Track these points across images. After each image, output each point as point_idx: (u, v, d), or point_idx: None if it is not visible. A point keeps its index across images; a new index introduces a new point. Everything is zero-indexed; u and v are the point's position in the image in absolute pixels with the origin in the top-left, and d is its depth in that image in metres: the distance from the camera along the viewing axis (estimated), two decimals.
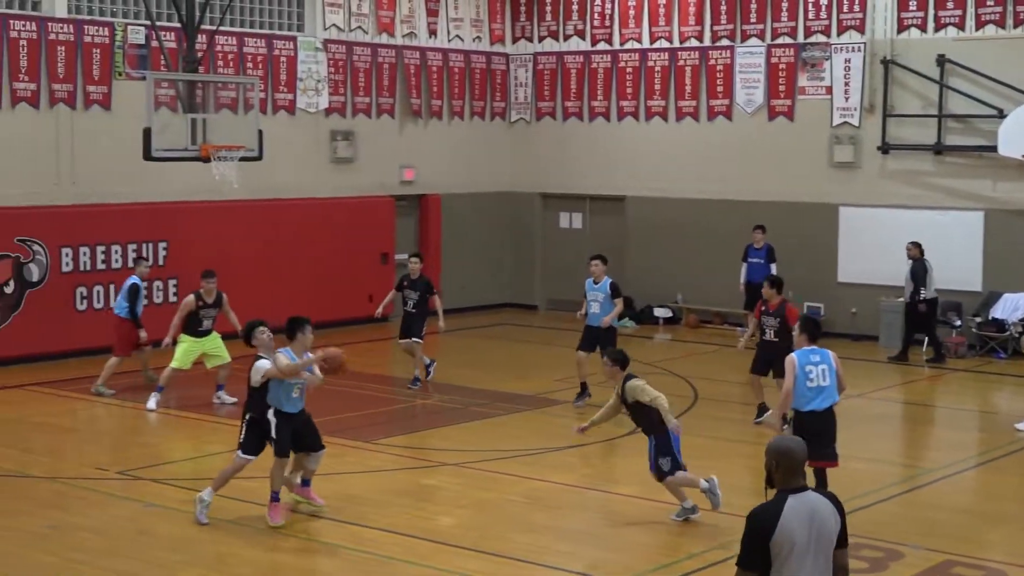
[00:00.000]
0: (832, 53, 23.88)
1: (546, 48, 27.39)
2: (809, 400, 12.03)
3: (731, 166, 25.09)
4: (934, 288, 21.67)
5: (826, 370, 12.07)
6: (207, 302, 17.60)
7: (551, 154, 27.41)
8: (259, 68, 23.26)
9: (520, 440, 15.71)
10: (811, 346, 12.17)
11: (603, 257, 17.98)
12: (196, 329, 17.56)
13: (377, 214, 25.06)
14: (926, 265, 21.70)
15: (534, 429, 16.45)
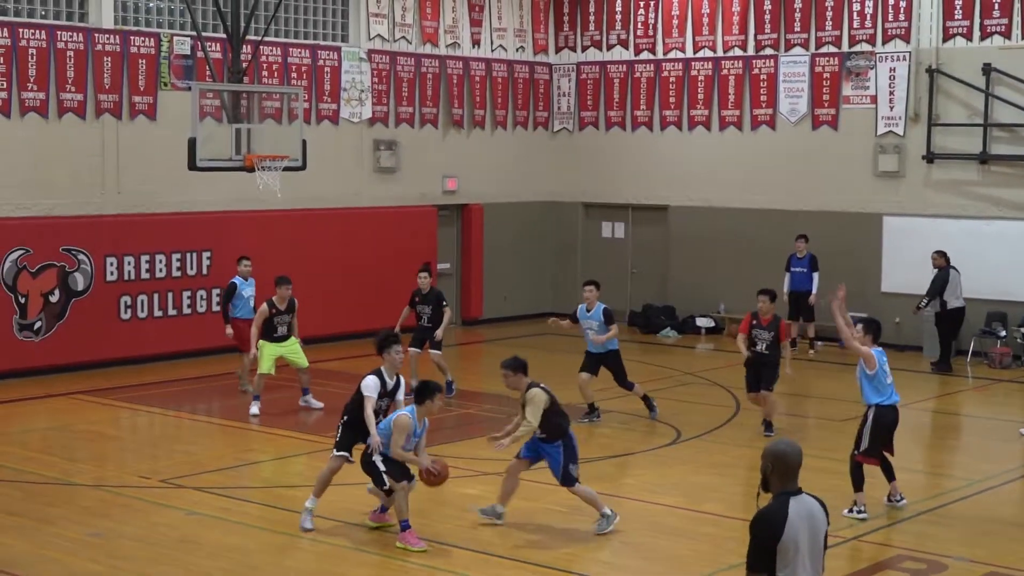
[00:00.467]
0: (877, 62, 23.78)
1: (589, 58, 27.40)
2: (890, 395, 12.88)
3: (774, 176, 25.02)
4: (959, 297, 21.58)
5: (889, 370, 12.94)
6: (280, 309, 17.75)
7: (593, 164, 27.40)
8: (303, 78, 23.39)
9: None
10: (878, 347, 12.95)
11: (596, 283, 17.68)
12: (272, 336, 17.68)
13: (420, 224, 25.13)
14: (949, 275, 21.59)
15: None
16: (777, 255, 23.95)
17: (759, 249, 24.92)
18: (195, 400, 19.07)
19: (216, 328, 21.84)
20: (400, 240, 24.48)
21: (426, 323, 18.86)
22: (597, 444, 16.01)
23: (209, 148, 18.41)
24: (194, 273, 21.85)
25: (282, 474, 14.80)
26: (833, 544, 11.97)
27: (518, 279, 27.18)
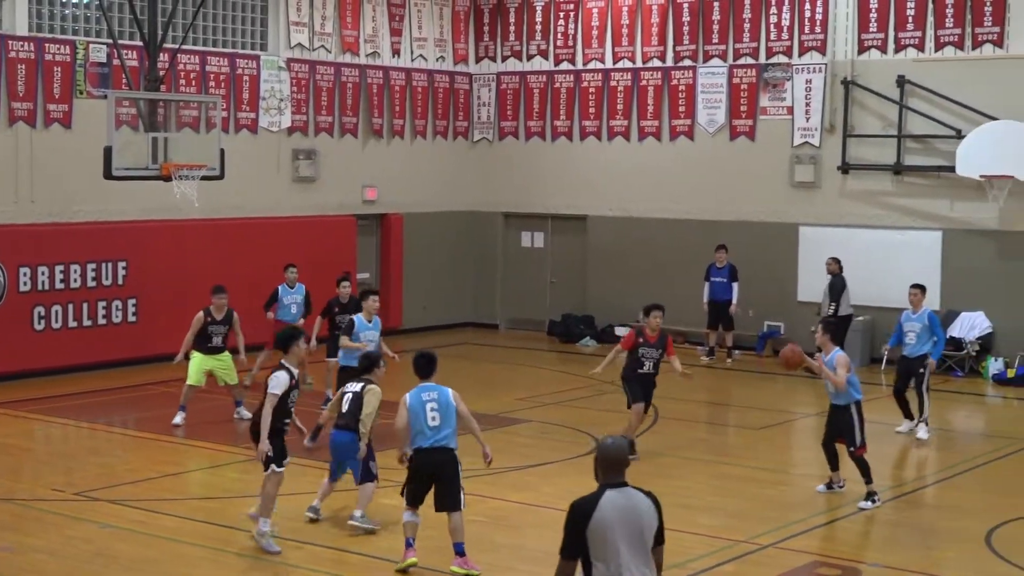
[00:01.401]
0: (793, 74, 24.05)
1: (509, 68, 27.45)
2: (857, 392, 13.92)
3: (693, 186, 25.20)
4: (849, 305, 21.96)
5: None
6: (216, 318, 17.35)
7: (513, 174, 27.45)
8: (222, 87, 23.22)
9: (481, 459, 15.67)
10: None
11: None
12: (206, 346, 17.31)
13: (339, 233, 25.02)
14: (844, 281, 21.97)
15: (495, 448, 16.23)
16: (695, 265, 24.12)
17: (677, 259, 25.08)
18: (111, 412, 18.85)
19: (134, 339, 21.65)
20: (319, 250, 24.34)
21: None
22: (517, 453, 16.02)
23: (125, 157, 18.24)
24: (109, 283, 21.58)
25: (201, 486, 14.66)
26: (751, 551, 12.10)
27: (437, 289, 27.16)
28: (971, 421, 19.76)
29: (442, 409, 11.34)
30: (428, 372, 11.56)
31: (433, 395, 11.39)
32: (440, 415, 11.31)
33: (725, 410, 19.61)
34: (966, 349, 22.12)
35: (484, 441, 11.70)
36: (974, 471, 15.67)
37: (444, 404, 11.35)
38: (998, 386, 21.48)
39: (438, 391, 11.42)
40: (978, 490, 14.90)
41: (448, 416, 11.35)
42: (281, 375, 11.96)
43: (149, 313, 21.87)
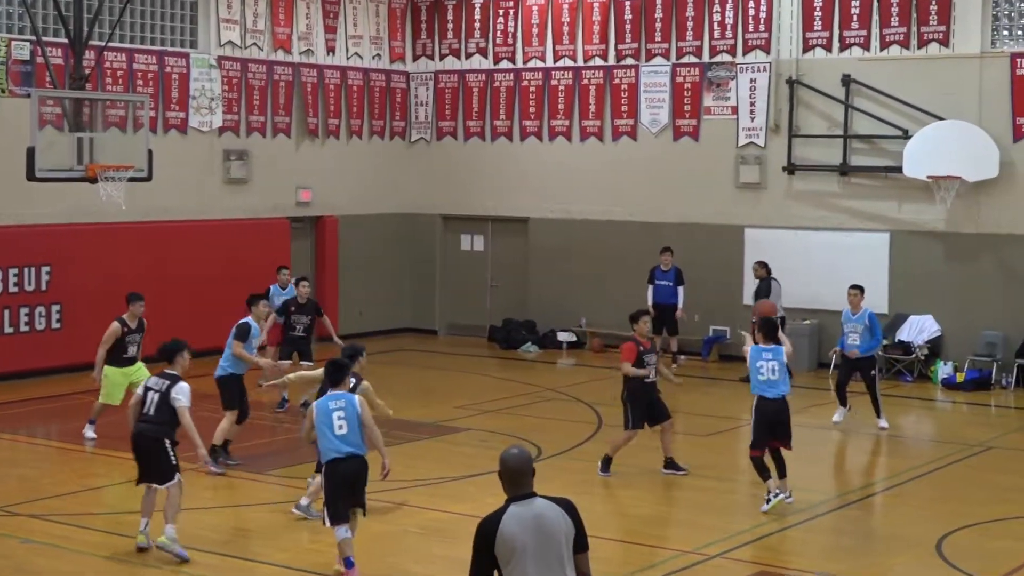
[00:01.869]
0: (738, 73, 24.10)
1: (447, 66, 27.35)
2: (764, 390, 13.91)
3: (636, 187, 25.20)
4: (781, 308, 22.16)
5: (776, 366, 13.89)
6: (131, 327, 16.82)
7: (452, 175, 27.35)
8: (150, 85, 22.97)
9: (419, 469, 15.58)
10: (767, 344, 14.00)
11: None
12: (121, 357, 16.69)
13: (272, 237, 24.82)
14: (771, 285, 22.12)
15: (434, 458, 16.34)
16: (639, 268, 24.10)
17: (621, 262, 25.07)
18: (33, 422, 18.58)
19: (58, 346, 21.35)
20: (252, 254, 24.13)
21: (301, 332, 18.95)
22: (458, 463, 15.92)
23: (49, 158, 18.00)
24: (32, 289, 21.29)
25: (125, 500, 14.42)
26: (697, 561, 12.06)
27: (374, 294, 27.00)
28: (920, 426, 19.86)
29: (349, 417, 11.37)
30: (337, 380, 11.63)
31: (340, 403, 11.44)
32: (347, 423, 11.35)
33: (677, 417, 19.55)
34: (915, 353, 22.24)
35: (386, 454, 11.67)
36: (923, 477, 15.73)
37: (351, 412, 11.39)
38: (947, 390, 21.60)
39: (345, 399, 11.46)
40: (928, 497, 14.96)
41: (355, 424, 11.39)
42: (185, 386, 12.16)
43: (74, 319, 21.57)
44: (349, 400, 11.45)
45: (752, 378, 14.07)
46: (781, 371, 14.00)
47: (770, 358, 13.99)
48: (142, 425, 12.17)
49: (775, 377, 13.97)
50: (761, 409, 14.06)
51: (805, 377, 22.45)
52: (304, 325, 18.93)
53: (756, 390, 14.06)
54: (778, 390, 14.02)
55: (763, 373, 13.95)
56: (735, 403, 20.77)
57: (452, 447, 16.94)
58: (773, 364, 13.98)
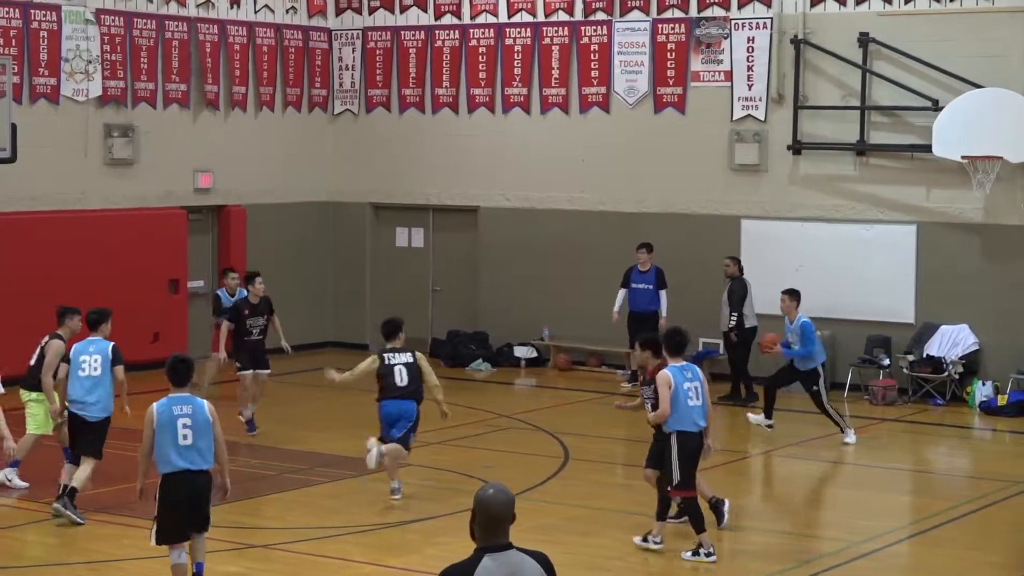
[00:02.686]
0: (732, 30, 24.25)
1: (378, 22, 27.40)
2: (693, 420, 13.86)
3: (609, 169, 25.31)
4: (754, 315, 22.70)
5: (698, 387, 13.98)
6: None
7: (385, 155, 27.39)
8: (12, 45, 22.91)
9: (347, 515, 15.62)
10: (681, 362, 14.07)
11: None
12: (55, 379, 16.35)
13: (164, 230, 24.80)
14: (746, 285, 22.50)
15: (365, 501, 16.38)
16: (614, 268, 24.15)
17: (592, 260, 25.16)
18: None
19: None
20: (140, 251, 24.11)
21: (257, 335, 20.08)
22: (390, 505, 15.95)
23: None
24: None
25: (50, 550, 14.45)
26: None
27: (290, 300, 26.89)
28: (954, 459, 20.06)
29: (196, 425, 11.77)
30: (183, 379, 12.06)
31: (187, 408, 11.83)
32: (192, 432, 11.75)
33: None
34: (947, 371, 22.41)
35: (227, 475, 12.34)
36: (959, 521, 15.88)
37: (199, 420, 11.82)
38: (986, 416, 21.79)
39: (192, 403, 11.89)
40: (964, 543, 15.10)
41: (203, 433, 11.82)
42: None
43: None
44: (197, 405, 11.94)
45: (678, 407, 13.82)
46: (703, 394, 14.01)
47: (691, 377, 14.02)
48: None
49: (698, 403, 13.94)
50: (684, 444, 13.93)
51: None
52: (260, 327, 20.14)
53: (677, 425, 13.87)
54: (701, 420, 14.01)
55: (692, 398, 13.88)
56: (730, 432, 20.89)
57: (386, 487, 16.96)
58: (696, 385, 14.01)
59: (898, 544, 15.25)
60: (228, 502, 15.88)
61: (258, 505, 16.28)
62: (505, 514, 6.92)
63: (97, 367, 15.42)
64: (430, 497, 16.58)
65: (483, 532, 6.93)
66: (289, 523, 15.40)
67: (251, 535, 14.80)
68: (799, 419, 21.48)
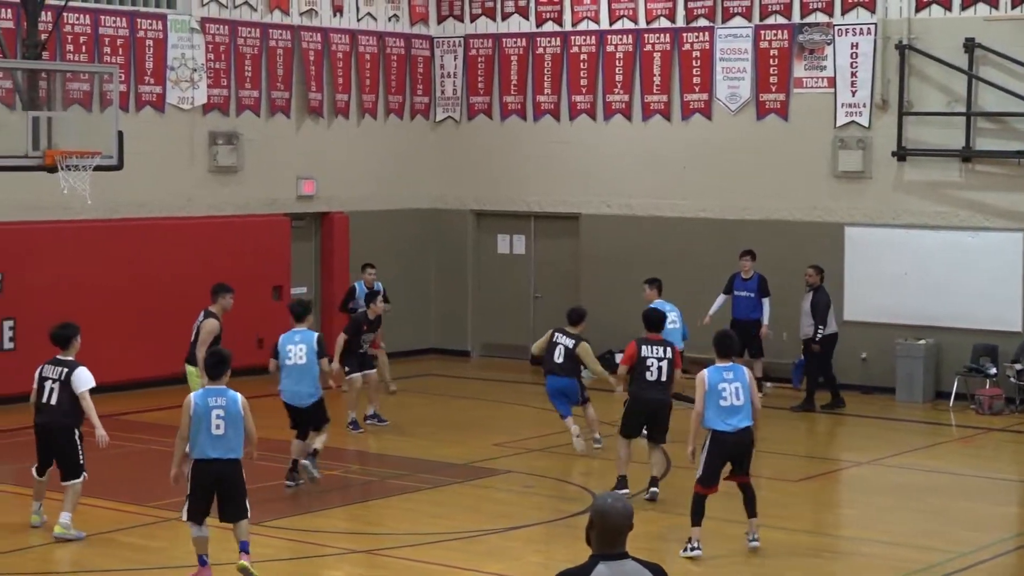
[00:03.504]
0: (835, 36, 24.11)
1: (480, 29, 27.46)
2: (724, 420, 14.11)
3: (711, 176, 25.23)
4: (834, 323, 22.57)
5: (739, 388, 14.17)
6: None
7: (487, 162, 27.45)
8: (119, 54, 23.16)
9: (449, 520, 15.65)
10: (727, 363, 14.38)
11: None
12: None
13: (268, 237, 24.97)
14: (828, 295, 22.55)
15: (467, 506, 16.40)
16: (716, 275, 24.07)
17: (693, 268, 25.06)
18: None
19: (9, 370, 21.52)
20: (243, 258, 24.27)
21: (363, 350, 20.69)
22: (495, 512, 15.97)
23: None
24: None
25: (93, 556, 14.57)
26: None
27: (393, 307, 27.04)
28: None
29: (229, 417, 12.66)
30: (218, 374, 12.91)
31: (221, 400, 12.70)
32: (225, 423, 12.64)
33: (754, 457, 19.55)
34: None
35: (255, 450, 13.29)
36: None
37: (232, 413, 12.68)
38: None
39: (227, 396, 12.74)
40: None
41: (235, 426, 12.69)
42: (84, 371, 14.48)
43: (29, 338, 21.71)
44: (231, 399, 12.75)
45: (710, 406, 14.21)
46: (745, 395, 14.24)
47: (732, 379, 14.29)
48: (47, 417, 14.51)
49: (738, 403, 14.20)
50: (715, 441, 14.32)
51: (920, 410, 22.44)
52: (368, 343, 20.90)
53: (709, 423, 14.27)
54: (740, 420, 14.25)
55: (725, 398, 14.18)
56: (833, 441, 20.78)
57: (488, 493, 16.99)
58: (736, 386, 14.24)
59: (1005, 556, 15.06)
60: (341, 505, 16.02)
61: (362, 511, 16.35)
62: (624, 524, 6.93)
63: (303, 356, 16.75)
64: (530, 504, 16.58)
65: (600, 540, 6.92)
66: (392, 528, 15.45)
67: (355, 540, 14.85)
68: (901, 428, 21.32)
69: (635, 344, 16.49)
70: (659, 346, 16.44)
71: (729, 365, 14.37)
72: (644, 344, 16.44)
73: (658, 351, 16.38)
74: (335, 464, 18.66)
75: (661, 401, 16.58)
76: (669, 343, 16.66)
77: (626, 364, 16.60)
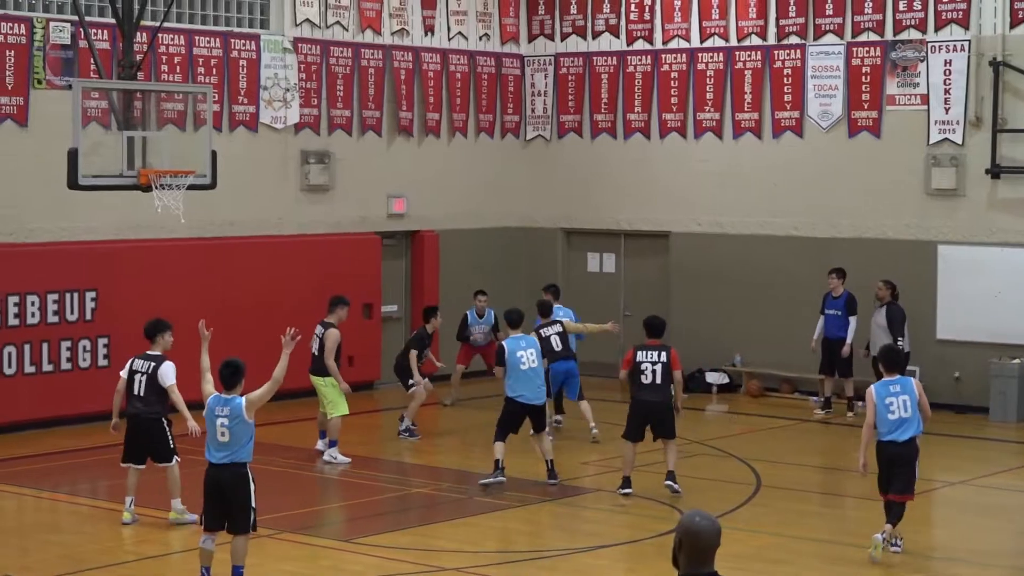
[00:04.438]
0: (928, 53, 23.95)
1: (570, 48, 27.49)
2: (889, 431, 14.64)
3: (802, 194, 25.12)
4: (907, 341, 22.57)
5: (907, 400, 14.61)
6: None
7: (577, 180, 27.46)
8: (213, 74, 23.36)
9: (537, 539, 15.64)
10: (894, 376, 14.77)
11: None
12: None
13: (359, 255, 25.08)
14: (903, 310, 22.60)
15: (556, 525, 16.40)
16: (806, 293, 24.00)
17: (784, 286, 24.97)
18: (76, 478, 18.92)
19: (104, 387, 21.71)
20: (335, 275, 24.35)
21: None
22: (583, 531, 15.96)
23: (94, 161, 18.33)
24: (75, 318, 21.71)
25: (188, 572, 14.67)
26: None
27: None
28: None
29: (233, 425, 13.05)
30: (233, 384, 13.26)
31: (225, 409, 13.10)
32: (230, 431, 13.04)
33: (843, 477, 19.44)
34: None
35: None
36: None
37: (235, 417, 13.05)
38: None
39: (230, 405, 13.11)
40: None
41: (239, 432, 13.04)
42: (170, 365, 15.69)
43: (123, 355, 21.84)
44: (235, 406, 13.08)
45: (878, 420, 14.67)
46: (913, 407, 14.67)
47: (899, 392, 14.69)
48: (137, 406, 15.63)
49: (906, 415, 14.65)
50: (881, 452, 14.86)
51: (1014, 430, 22.22)
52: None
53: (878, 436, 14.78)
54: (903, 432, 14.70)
55: (893, 411, 14.62)
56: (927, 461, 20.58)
57: (577, 512, 16.97)
58: (904, 399, 14.67)
59: None
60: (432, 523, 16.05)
61: (452, 528, 16.35)
62: (713, 543, 6.91)
63: (534, 359, 17.94)
64: (620, 523, 16.55)
65: (689, 560, 6.89)
66: (482, 547, 15.45)
67: (443, 558, 14.87)
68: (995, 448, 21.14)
69: (632, 350, 17.45)
70: (654, 351, 17.23)
71: (896, 379, 14.77)
72: (640, 350, 17.30)
73: (652, 355, 17.18)
74: (425, 481, 18.71)
75: (657, 402, 17.26)
76: (666, 347, 17.36)
77: (625, 369, 17.39)
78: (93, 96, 20.38)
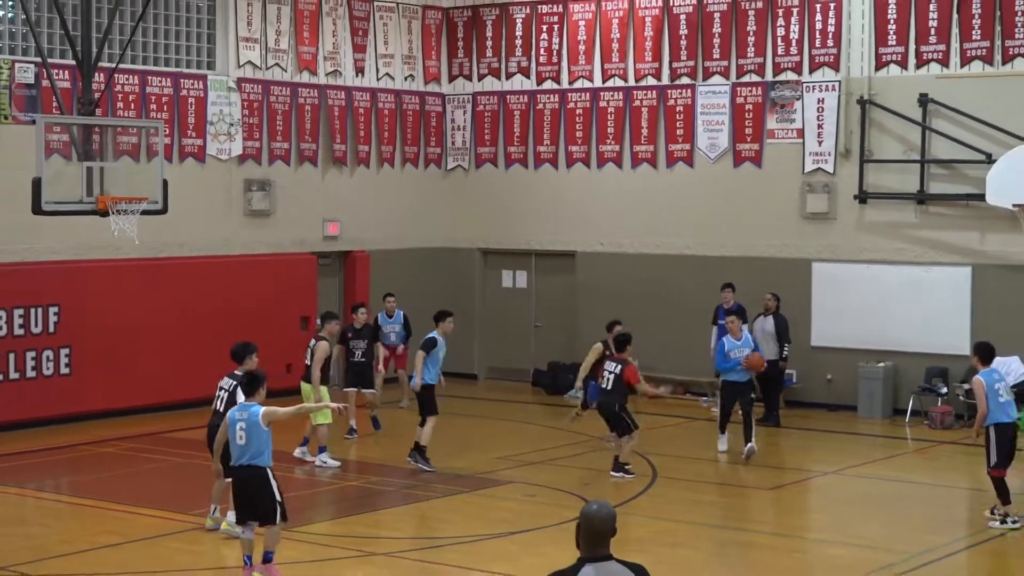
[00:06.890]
0: (803, 92, 24.13)
1: (486, 87, 27.51)
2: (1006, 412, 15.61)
3: (693, 217, 25.23)
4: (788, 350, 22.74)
5: (1006, 385, 15.86)
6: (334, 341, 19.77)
7: (492, 205, 27.46)
8: (164, 110, 23.21)
9: (457, 526, 15.62)
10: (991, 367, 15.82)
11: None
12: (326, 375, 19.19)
13: (297, 274, 24.98)
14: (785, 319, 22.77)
15: (472, 514, 16.37)
16: (697, 306, 24.12)
17: (677, 299, 25.08)
18: (39, 475, 18.72)
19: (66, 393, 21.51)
20: (275, 292, 24.29)
21: (359, 358, 21.37)
22: (497, 519, 15.95)
23: (56, 189, 18.20)
24: (39, 331, 21.48)
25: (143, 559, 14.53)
26: None
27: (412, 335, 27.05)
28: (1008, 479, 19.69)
29: (250, 428, 12.97)
30: (251, 391, 13.31)
31: (244, 415, 13.08)
32: (247, 434, 12.97)
33: (733, 468, 19.54)
34: None
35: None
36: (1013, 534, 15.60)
37: (252, 424, 12.97)
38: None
39: (249, 411, 13.07)
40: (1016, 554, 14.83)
41: (255, 436, 12.95)
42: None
43: (84, 364, 21.76)
44: (252, 413, 13.02)
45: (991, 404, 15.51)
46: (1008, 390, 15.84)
47: (999, 379, 15.79)
48: (217, 420, 14.44)
49: (1010, 397, 15.75)
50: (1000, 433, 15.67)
51: (880, 425, 22.42)
52: (362, 350, 21.34)
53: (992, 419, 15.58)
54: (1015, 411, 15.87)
55: (1002, 395, 15.55)
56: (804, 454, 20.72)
57: (492, 502, 16.96)
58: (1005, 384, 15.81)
59: (957, 554, 15.02)
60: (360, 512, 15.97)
61: (380, 517, 16.31)
62: (607, 528, 6.98)
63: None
64: (530, 512, 16.55)
65: (587, 543, 6.96)
66: (407, 533, 15.42)
67: (374, 544, 14.82)
68: (864, 441, 21.30)
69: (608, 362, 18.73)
70: (614, 363, 18.42)
71: (993, 369, 15.81)
72: (608, 360, 18.74)
73: (611, 366, 18.42)
74: (356, 476, 18.64)
75: (606, 403, 18.45)
76: (624, 361, 18.35)
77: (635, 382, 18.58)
78: (55, 130, 20.21)
